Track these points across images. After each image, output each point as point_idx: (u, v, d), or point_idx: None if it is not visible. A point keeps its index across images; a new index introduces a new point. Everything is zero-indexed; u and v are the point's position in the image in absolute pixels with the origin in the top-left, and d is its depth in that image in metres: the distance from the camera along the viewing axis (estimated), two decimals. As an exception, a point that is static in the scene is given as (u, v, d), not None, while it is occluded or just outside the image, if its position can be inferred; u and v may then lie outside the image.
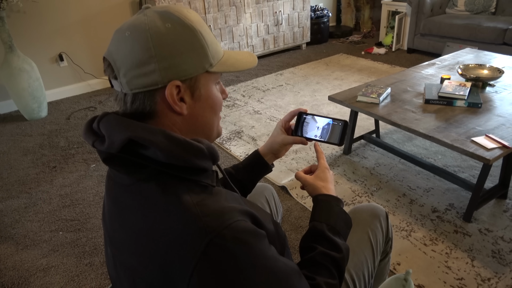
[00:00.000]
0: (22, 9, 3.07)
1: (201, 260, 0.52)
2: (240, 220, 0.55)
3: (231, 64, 0.66)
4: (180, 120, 0.63)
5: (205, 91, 0.64)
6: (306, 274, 0.69)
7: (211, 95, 0.65)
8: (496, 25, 3.30)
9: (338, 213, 0.79)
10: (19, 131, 2.89)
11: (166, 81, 0.59)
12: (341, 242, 0.75)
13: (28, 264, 1.65)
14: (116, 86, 0.61)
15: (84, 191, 2.13)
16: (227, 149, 2.46)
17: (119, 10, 3.52)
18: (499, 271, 1.47)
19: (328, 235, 0.74)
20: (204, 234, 0.52)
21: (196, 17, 0.63)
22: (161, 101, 0.60)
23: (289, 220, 1.81)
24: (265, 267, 0.55)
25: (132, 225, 0.59)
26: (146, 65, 0.58)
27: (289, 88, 3.39)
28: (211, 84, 0.65)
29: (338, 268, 0.72)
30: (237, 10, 3.75)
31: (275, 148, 0.94)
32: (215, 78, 0.66)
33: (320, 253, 0.71)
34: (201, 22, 0.63)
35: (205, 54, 0.61)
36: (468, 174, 2.04)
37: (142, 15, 0.60)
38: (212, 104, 0.66)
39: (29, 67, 2.88)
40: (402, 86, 2.15)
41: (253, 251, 0.54)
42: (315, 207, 0.81)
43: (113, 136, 0.57)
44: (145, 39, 0.57)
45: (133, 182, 0.59)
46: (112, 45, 0.60)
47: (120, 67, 0.59)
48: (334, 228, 0.76)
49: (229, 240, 0.52)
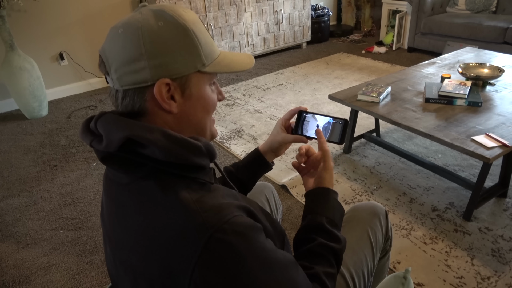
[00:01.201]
0: (22, 8, 3.07)
1: (202, 254, 0.52)
2: (238, 215, 0.56)
3: (225, 64, 0.66)
4: (171, 118, 0.63)
5: (196, 90, 0.64)
6: (304, 264, 0.69)
7: (203, 95, 0.65)
8: (497, 24, 3.29)
9: (335, 206, 0.79)
10: (19, 130, 2.90)
11: (155, 78, 0.59)
12: (339, 234, 0.76)
13: (29, 263, 1.65)
14: (110, 82, 0.62)
15: (84, 189, 2.14)
16: (228, 148, 2.47)
17: (120, 9, 3.53)
18: (498, 269, 1.47)
19: (328, 227, 0.75)
20: (205, 229, 0.53)
21: (191, 16, 0.63)
22: (151, 99, 0.61)
23: (289, 218, 1.81)
24: (264, 259, 0.56)
25: (132, 223, 0.59)
26: (137, 62, 0.58)
27: (289, 87, 3.39)
28: (204, 84, 0.65)
29: (337, 258, 0.73)
30: (238, 9, 3.75)
31: (275, 146, 0.95)
32: (209, 79, 0.65)
33: (319, 244, 0.72)
34: (196, 21, 0.63)
35: (197, 54, 0.62)
36: (468, 173, 2.04)
37: (137, 13, 0.61)
38: (204, 104, 0.65)
39: (29, 66, 2.88)
40: (402, 85, 2.15)
41: (253, 244, 0.56)
42: (314, 199, 0.80)
43: (111, 135, 0.57)
44: (137, 36, 0.58)
45: (132, 180, 0.60)
46: (106, 42, 0.61)
47: (112, 63, 0.60)
48: (333, 221, 0.77)
49: (229, 234, 0.53)
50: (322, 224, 0.75)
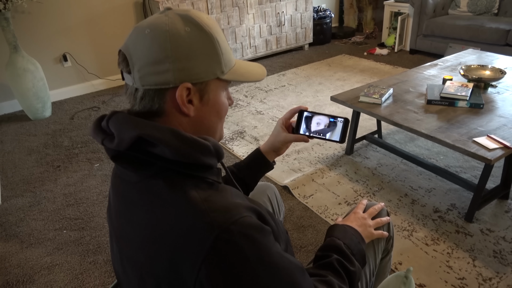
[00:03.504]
0: (26, 10, 3.09)
1: (209, 254, 0.53)
2: (247, 216, 0.57)
3: (241, 74, 0.68)
4: (186, 121, 0.64)
5: (213, 96, 0.65)
6: (319, 273, 0.72)
7: (218, 101, 0.67)
8: (499, 26, 3.30)
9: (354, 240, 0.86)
10: (23, 131, 2.92)
11: (178, 82, 0.60)
12: (355, 260, 0.80)
13: (33, 262, 1.67)
14: (128, 80, 0.63)
15: (87, 190, 2.15)
16: (230, 149, 2.48)
17: (123, 11, 3.54)
18: (500, 271, 1.47)
19: (344, 249, 0.80)
20: (212, 229, 0.53)
21: (214, 24, 0.65)
22: (170, 101, 0.62)
23: (291, 219, 1.82)
24: (270, 262, 0.56)
25: (140, 221, 0.60)
26: (161, 64, 0.59)
27: (291, 89, 3.40)
28: (220, 90, 0.67)
29: (350, 278, 0.76)
30: (240, 11, 3.77)
31: (276, 146, 0.96)
32: (224, 85, 0.68)
33: (336, 259, 0.77)
34: (219, 30, 0.65)
35: (218, 61, 0.63)
36: (470, 174, 2.04)
37: (163, 15, 0.62)
38: (219, 110, 0.67)
39: (33, 67, 2.90)
40: (404, 86, 2.16)
41: (259, 246, 0.56)
42: (334, 228, 0.89)
43: (123, 134, 0.58)
44: (163, 39, 0.59)
45: (141, 179, 0.61)
46: (130, 40, 0.62)
47: (136, 62, 0.60)
48: (350, 248, 0.82)
49: (236, 235, 0.54)
50: (340, 245, 0.81)
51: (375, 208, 0.98)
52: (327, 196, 1.96)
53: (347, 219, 0.94)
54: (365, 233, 0.90)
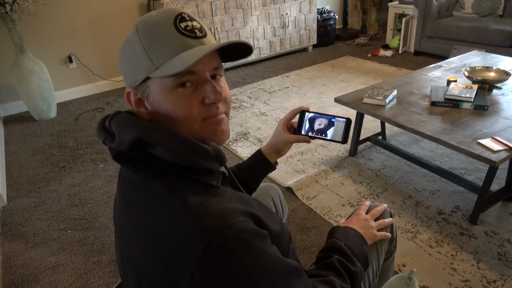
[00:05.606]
0: (32, 12, 3.12)
1: (202, 259, 0.53)
2: (242, 220, 0.56)
3: (179, 61, 0.58)
4: (157, 121, 0.64)
5: (157, 96, 0.61)
6: (320, 273, 0.72)
7: (163, 101, 0.61)
8: (504, 27, 3.28)
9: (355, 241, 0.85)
10: (28, 132, 2.94)
11: (127, 86, 0.65)
12: (356, 260, 0.80)
13: (37, 262, 1.68)
14: None
15: (92, 190, 2.16)
16: (233, 150, 2.48)
17: (128, 12, 3.57)
18: (505, 273, 1.47)
19: (346, 250, 0.80)
20: (206, 233, 0.53)
21: (147, 19, 0.61)
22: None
23: (294, 221, 1.82)
24: (265, 267, 0.56)
25: (139, 222, 0.61)
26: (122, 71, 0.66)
27: (295, 90, 3.40)
28: (165, 89, 0.60)
29: (352, 278, 0.76)
30: (244, 12, 3.78)
31: (278, 147, 0.96)
32: (173, 82, 0.60)
33: (337, 259, 0.77)
34: (155, 24, 0.60)
35: (145, 59, 0.60)
36: (474, 176, 2.03)
37: None
38: (166, 111, 0.61)
39: (39, 68, 2.93)
40: (408, 88, 2.15)
41: (254, 251, 0.55)
42: (335, 229, 0.88)
43: (123, 134, 0.59)
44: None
45: (141, 179, 0.61)
46: None
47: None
48: (351, 249, 0.82)
49: (230, 240, 0.53)
50: (341, 246, 0.81)
51: (378, 209, 0.98)
52: (331, 198, 1.96)
53: (349, 221, 0.94)
54: (367, 234, 0.90)
